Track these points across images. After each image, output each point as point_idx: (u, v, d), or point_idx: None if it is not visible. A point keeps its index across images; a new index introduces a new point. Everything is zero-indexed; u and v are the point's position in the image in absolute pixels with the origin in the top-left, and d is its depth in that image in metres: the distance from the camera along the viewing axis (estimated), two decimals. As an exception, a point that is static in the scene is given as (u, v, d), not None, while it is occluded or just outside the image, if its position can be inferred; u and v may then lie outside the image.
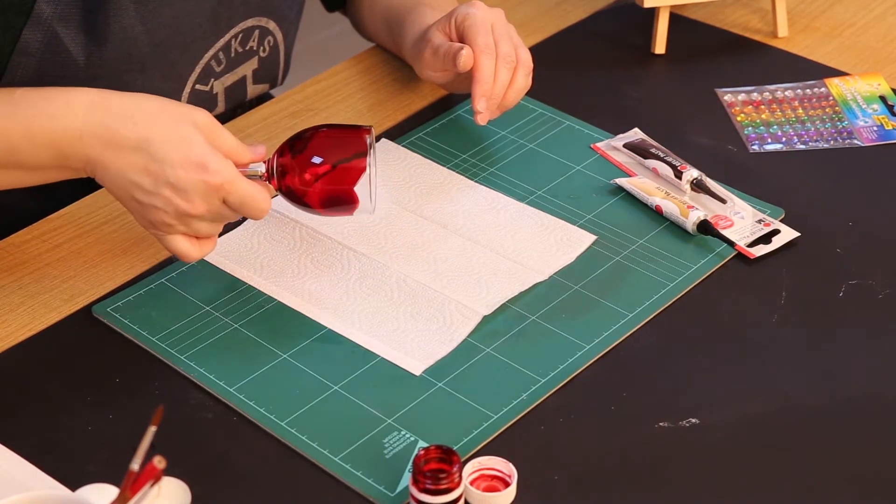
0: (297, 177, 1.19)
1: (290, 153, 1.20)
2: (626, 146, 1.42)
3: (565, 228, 1.32)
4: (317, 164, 1.19)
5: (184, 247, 1.19)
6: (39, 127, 1.18)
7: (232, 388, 1.16)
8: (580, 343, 1.20)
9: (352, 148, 1.20)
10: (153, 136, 1.16)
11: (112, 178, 1.18)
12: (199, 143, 1.16)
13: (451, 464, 1.03)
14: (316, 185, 1.19)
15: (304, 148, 1.20)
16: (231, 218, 1.19)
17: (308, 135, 1.21)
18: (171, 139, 1.16)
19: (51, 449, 1.11)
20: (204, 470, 1.09)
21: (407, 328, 1.21)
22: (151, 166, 1.16)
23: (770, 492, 1.08)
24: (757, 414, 1.14)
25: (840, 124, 1.48)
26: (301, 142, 1.20)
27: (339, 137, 1.21)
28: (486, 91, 1.34)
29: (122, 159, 1.17)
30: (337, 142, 1.21)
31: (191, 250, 1.19)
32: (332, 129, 1.22)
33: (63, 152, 1.18)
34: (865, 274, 1.28)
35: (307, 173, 1.19)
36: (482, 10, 1.37)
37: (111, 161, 1.17)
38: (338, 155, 1.20)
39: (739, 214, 1.34)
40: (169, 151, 1.15)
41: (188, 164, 1.15)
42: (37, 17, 1.28)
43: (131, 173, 1.16)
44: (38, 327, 1.22)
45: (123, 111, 1.17)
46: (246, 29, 1.45)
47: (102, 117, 1.17)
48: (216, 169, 1.15)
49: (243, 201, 1.17)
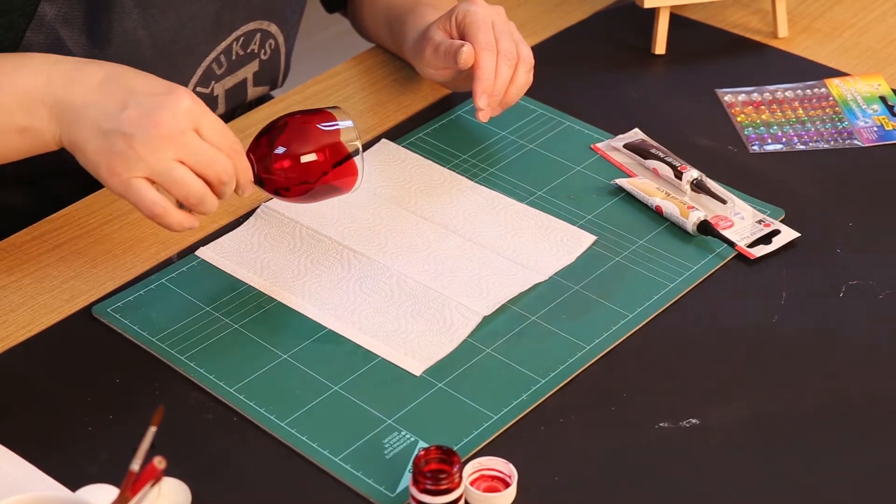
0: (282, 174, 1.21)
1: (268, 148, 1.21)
2: (626, 146, 1.42)
3: (565, 229, 1.32)
4: (312, 159, 1.21)
5: (151, 194, 1.14)
6: (6, 77, 1.17)
7: (232, 388, 1.16)
8: (580, 343, 1.20)
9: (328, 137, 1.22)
10: (120, 70, 1.16)
11: (78, 115, 1.15)
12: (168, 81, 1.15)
13: (451, 464, 1.03)
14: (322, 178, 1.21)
15: (285, 142, 1.21)
16: (202, 161, 1.14)
17: (282, 124, 1.22)
18: (139, 73, 1.16)
19: (51, 449, 1.11)
20: (204, 470, 1.09)
21: (407, 329, 1.21)
22: (118, 92, 1.14)
23: (770, 492, 1.08)
24: (757, 414, 1.14)
25: (840, 125, 1.48)
26: (276, 135, 1.22)
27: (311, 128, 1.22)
28: (488, 88, 1.34)
29: (88, 94, 1.15)
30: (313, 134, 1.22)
31: (158, 198, 1.14)
32: (303, 117, 1.23)
33: (30, 96, 1.16)
34: (865, 274, 1.28)
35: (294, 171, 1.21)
36: (483, 7, 1.37)
37: (78, 96, 1.15)
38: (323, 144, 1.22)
39: (739, 215, 1.34)
40: (137, 78, 1.15)
41: (157, 86, 1.14)
42: (40, 18, 1.28)
43: (98, 101, 1.14)
44: (38, 328, 1.22)
45: (88, 59, 1.18)
46: (248, 32, 1.45)
47: (68, 62, 1.17)
48: (186, 93, 1.14)
49: (219, 130, 1.15)
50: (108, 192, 1.36)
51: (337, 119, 1.23)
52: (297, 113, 1.23)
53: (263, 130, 1.23)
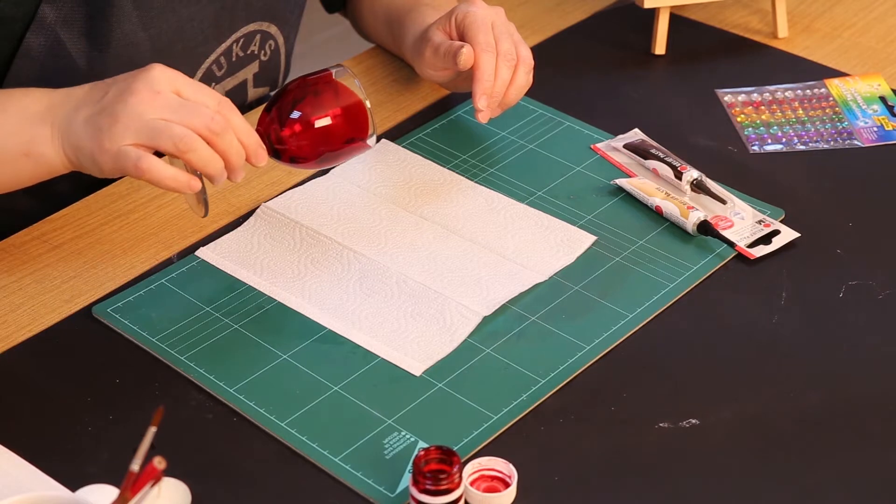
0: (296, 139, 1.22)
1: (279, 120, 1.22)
2: (626, 147, 1.42)
3: (565, 229, 1.32)
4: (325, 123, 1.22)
5: (138, 153, 1.13)
6: (11, 101, 1.19)
7: (232, 388, 1.16)
8: (580, 344, 1.20)
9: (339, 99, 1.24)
10: (107, 78, 1.19)
11: (72, 118, 1.17)
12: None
13: (451, 464, 1.03)
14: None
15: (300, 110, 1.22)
16: (183, 112, 1.14)
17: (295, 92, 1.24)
18: (124, 73, 1.18)
19: (51, 449, 1.11)
20: (204, 470, 1.09)
21: (407, 329, 1.21)
22: (102, 87, 1.17)
23: (770, 492, 1.08)
24: (757, 414, 1.14)
25: (840, 125, 1.48)
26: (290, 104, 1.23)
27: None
28: (487, 89, 1.33)
29: (79, 99, 1.17)
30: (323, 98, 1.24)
31: (145, 154, 1.13)
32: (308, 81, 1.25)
33: (33, 117, 1.18)
34: (865, 274, 1.28)
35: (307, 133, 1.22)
36: (482, 8, 1.37)
37: (72, 105, 1.17)
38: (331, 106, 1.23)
39: (739, 215, 1.34)
40: (120, 75, 1.17)
41: (134, 70, 1.17)
42: (40, 20, 1.28)
43: (86, 99, 1.17)
44: (38, 328, 1.22)
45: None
46: (247, 33, 1.45)
47: (65, 88, 1.20)
48: (160, 65, 1.16)
49: (202, 90, 1.16)
50: (109, 193, 1.36)
51: (341, 78, 1.24)
52: (300, 78, 1.24)
53: (270, 101, 1.23)
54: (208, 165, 1.15)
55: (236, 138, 1.17)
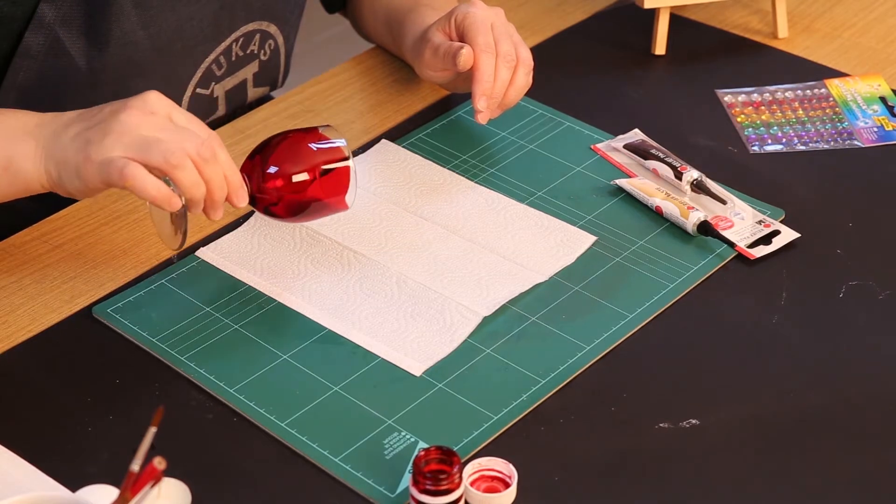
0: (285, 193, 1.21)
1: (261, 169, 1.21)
2: (626, 147, 1.42)
3: (565, 229, 1.33)
4: (302, 179, 1.21)
5: (122, 161, 1.12)
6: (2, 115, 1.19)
7: (232, 388, 1.16)
8: (580, 344, 1.20)
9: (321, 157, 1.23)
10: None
11: (59, 136, 1.16)
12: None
13: (451, 465, 1.03)
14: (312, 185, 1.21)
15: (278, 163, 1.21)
16: (174, 136, 1.13)
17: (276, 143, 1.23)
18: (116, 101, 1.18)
19: (51, 449, 1.11)
20: (204, 470, 1.09)
21: (407, 329, 1.21)
22: (94, 110, 1.17)
23: (770, 492, 1.08)
24: (757, 414, 1.14)
25: (840, 125, 1.48)
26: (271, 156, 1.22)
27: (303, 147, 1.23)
28: (487, 90, 1.34)
29: (69, 118, 1.17)
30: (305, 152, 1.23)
31: (127, 162, 1.12)
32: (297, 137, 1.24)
33: (17, 130, 1.17)
34: (865, 274, 1.28)
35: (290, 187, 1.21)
36: (482, 8, 1.37)
37: (61, 123, 1.17)
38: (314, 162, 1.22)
39: (740, 215, 1.34)
40: (112, 101, 1.17)
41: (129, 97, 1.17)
42: (39, 19, 1.28)
43: (77, 120, 1.17)
44: (38, 328, 1.22)
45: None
46: (247, 33, 1.45)
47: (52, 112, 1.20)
48: (155, 92, 1.15)
49: (193, 120, 1.15)
50: (109, 193, 1.36)
51: (330, 137, 1.23)
52: (289, 132, 1.24)
53: (255, 150, 1.23)
54: (193, 187, 1.14)
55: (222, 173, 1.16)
